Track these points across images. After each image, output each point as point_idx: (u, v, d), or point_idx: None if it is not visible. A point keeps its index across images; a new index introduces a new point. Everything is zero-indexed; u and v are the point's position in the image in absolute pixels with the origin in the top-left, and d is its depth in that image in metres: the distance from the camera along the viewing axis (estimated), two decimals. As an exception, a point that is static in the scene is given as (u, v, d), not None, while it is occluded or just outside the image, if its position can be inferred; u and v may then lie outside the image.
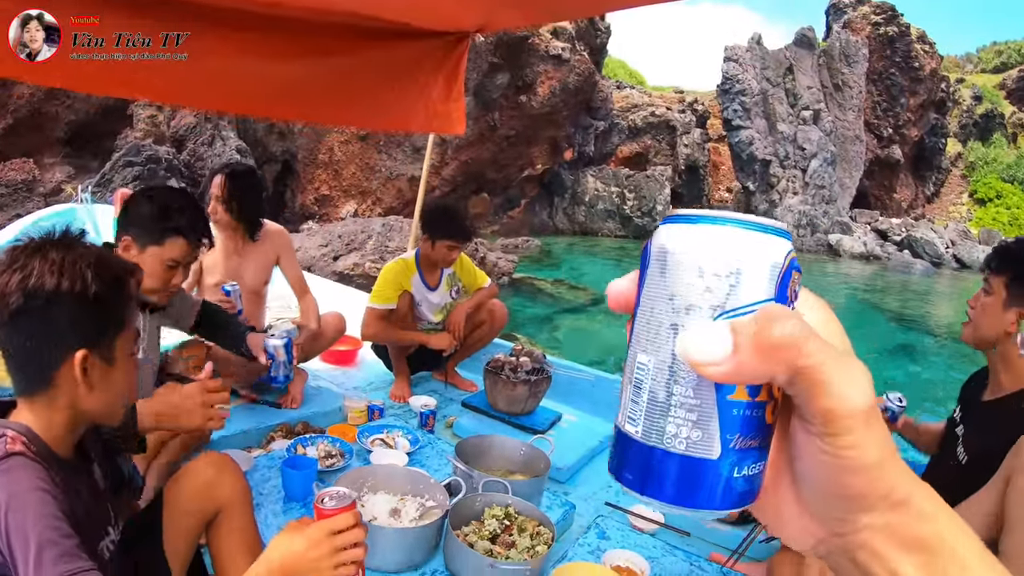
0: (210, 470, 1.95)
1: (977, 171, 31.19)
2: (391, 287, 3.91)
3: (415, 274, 3.98)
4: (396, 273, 3.94)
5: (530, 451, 3.07)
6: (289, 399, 3.62)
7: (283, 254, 3.88)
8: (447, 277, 4.08)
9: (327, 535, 1.45)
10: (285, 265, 3.90)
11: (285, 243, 3.89)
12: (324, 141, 15.54)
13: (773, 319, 0.41)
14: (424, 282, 4.02)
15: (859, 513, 0.43)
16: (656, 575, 2.55)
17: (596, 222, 22.21)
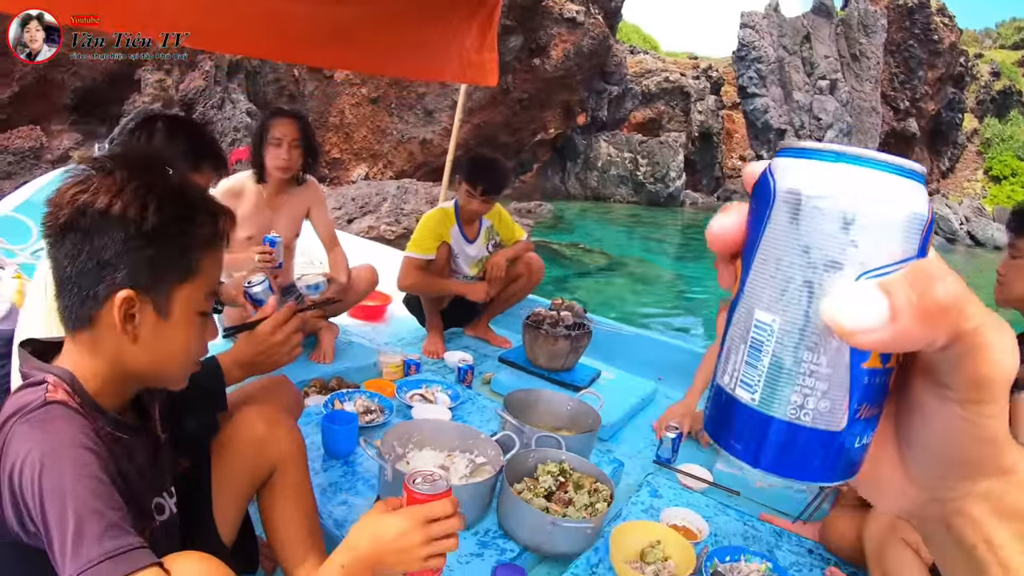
0: (260, 424, 1.76)
1: (993, 148, 30.83)
2: (431, 237, 3.78)
3: (454, 225, 3.86)
4: (436, 222, 3.81)
5: (578, 406, 2.96)
6: (321, 354, 3.53)
7: (315, 206, 3.75)
8: (485, 230, 3.96)
9: (421, 524, 1.30)
10: (316, 218, 3.76)
11: (317, 195, 3.75)
12: (335, 104, 15.32)
13: (934, 278, 0.37)
14: (463, 234, 3.89)
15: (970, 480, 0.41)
16: (712, 535, 2.45)
17: (608, 188, 21.98)
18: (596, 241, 14.93)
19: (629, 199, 21.98)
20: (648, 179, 21.80)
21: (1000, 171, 30.01)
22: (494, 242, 3.99)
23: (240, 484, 1.74)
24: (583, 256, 13.17)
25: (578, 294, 10.32)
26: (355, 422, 2.69)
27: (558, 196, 21.03)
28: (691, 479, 2.90)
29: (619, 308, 9.89)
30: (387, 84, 15.41)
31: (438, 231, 3.80)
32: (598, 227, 17.41)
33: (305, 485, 1.84)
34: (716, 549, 2.30)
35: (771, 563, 2.24)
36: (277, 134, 3.37)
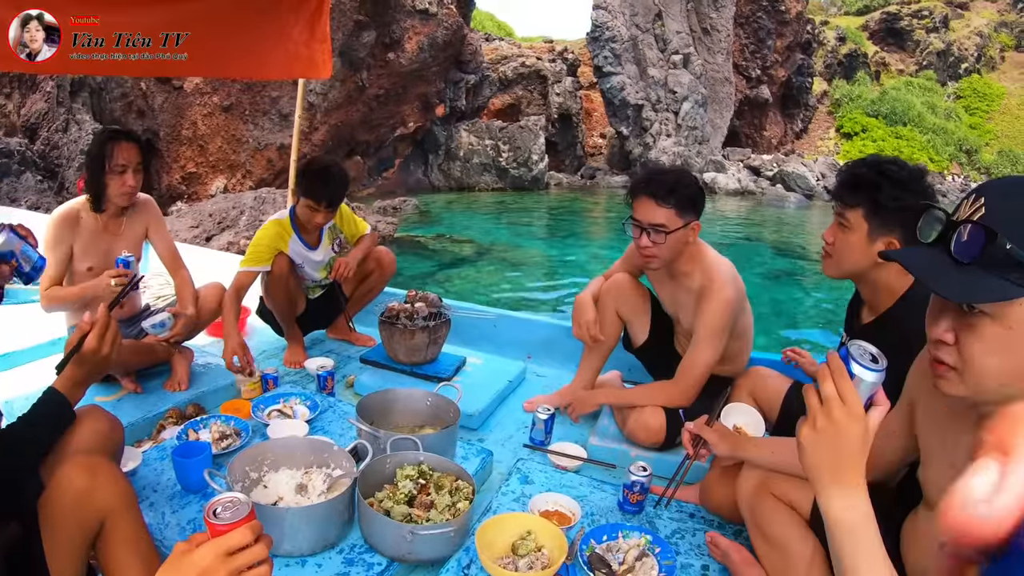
0: (81, 477, 1.64)
1: (843, 107, 32.45)
2: (265, 250, 3.55)
3: (292, 235, 3.63)
4: (271, 237, 3.58)
5: (437, 400, 2.81)
6: (175, 382, 3.27)
7: (152, 225, 3.44)
8: (327, 231, 3.75)
9: (221, 558, 1.12)
10: (155, 238, 3.46)
11: (154, 213, 3.45)
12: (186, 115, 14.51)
13: None
14: (303, 242, 3.67)
15: None
16: (588, 514, 2.36)
17: (472, 176, 21.77)
18: (464, 230, 14.79)
19: (494, 186, 21.81)
20: (511, 164, 21.73)
21: (851, 128, 31.61)
22: (339, 241, 3.80)
23: (72, 542, 1.61)
24: (451, 247, 12.99)
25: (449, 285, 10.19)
26: (208, 451, 2.47)
27: (422, 190, 20.68)
28: (564, 459, 2.81)
29: (492, 295, 9.79)
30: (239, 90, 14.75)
31: (273, 244, 3.56)
32: (465, 217, 17.22)
33: (139, 532, 1.71)
34: (592, 529, 2.22)
35: (650, 535, 2.18)
36: (121, 160, 3.05)
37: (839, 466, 1.18)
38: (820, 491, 1.20)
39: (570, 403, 3.16)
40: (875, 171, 2.11)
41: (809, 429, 1.20)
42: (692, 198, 2.65)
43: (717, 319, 2.69)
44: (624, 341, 3.27)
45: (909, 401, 1.67)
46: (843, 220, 2.16)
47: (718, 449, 2.12)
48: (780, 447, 2.01)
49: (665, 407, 2.83)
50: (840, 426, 1.16)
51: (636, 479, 2.37)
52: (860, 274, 2.23)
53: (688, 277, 2.81)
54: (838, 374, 1.18)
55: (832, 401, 1.17)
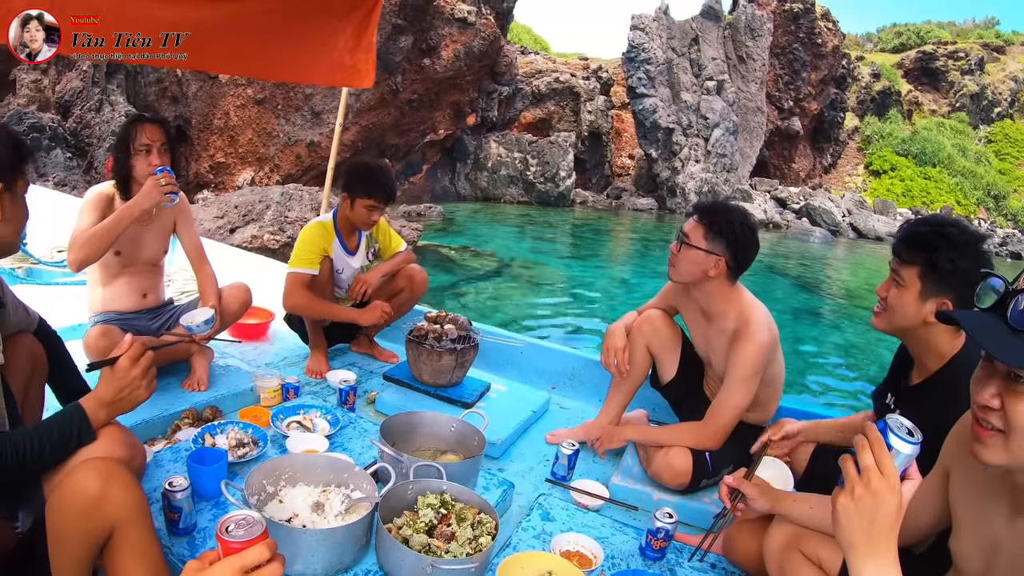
0: (93, 482, 1.54)
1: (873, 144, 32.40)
2: (314, 250, 3.54)
3: (335, 238, 3.62)
4: (316, 235, 3.57)
5: (462, 427, 2.76)
6: (195, 381, 3.24)
7: (181, 219, 3.43)
8: (365, 239, 3.74)
9: None
10: (183, 232, 3.44)
11: (183, 207, 3.42)
12: (219, 105, 14.62)
13: None
14: (344, 246, 3.66)
15: None
16: (609, 557, 2.31)
17: (499, 188, 21.84)
18: (486, 243, 14.76)
19: (520, 199, 21.91)
20: (538, 179, 21.77)
21: (880, 166, 31.47)
22: (373, 250, 3.78)
23: (78, 550, 1.53)
24: (473, 260, 12.95)
25: (468, 299, 10.15)
26: (224, 459, 2.43)
27: (448, 198, 20.76)
28: (586, 496, 2.76)
29: (511, 312, 9.75)
30: (273, 85, 14.83)
31: (319, 244, 3.56)
32: (488, 228, 17.22)
33: (150, 544, 1.63)
34: (613, 574, 2.16)
35: (670, 585, 2.12)
36: (145, 140, 3.05)
37: (874, 537, 1.18)
38: (854, 561, 1.20)
39: (598, 438, 3.11)
40: (936, 231, 2.07)
41: (846, 498, 1.20)
42: (727, 232, 2.69)
43: (750, 362, 2.65)
44: (652, 379, 3.23)
45: (944, 469, 1.65)
46: (898, 277, 2.13)
47: (757, 504, 2.06)
48: (819, 504, 1.96)
49: (693, 449, 2.78)
50: (878, 497, 1.18)
51: (661, 526, 2.31)
52: (910, 332, 2.18)
53: (723, 318, 2.78)
54: (877, 445, 1.20)
55: (871, 471, 1.19)
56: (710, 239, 2.69)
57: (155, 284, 3.45)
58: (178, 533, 2.16)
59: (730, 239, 2.68)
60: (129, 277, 3.30)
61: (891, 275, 2.17)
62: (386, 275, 3.72)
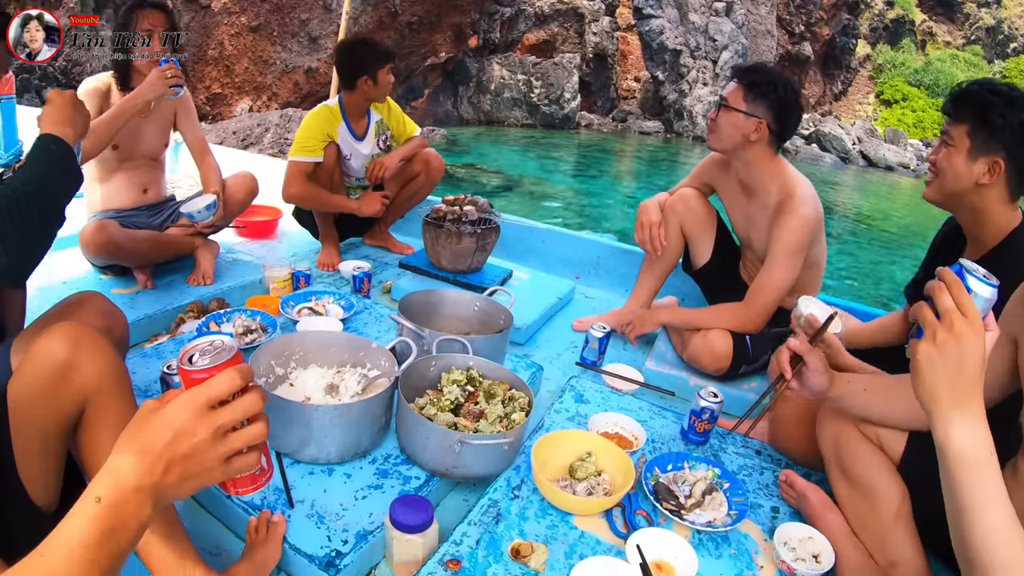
0: (60, 348, 1.26)
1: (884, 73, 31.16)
2: (316, 136, 3.22)
3: (341, 123, 3.28)
4: (321, 120, 3.24)
5: (486, 305, 2.48)
6: (199, 275, 2.97)
7: (182, 112, 3.11)
8: (374, 125, 3.40)
9: (203, 412, 0.78)
10: (184, 125, 3.13)
11: (185, 100, 3.10)
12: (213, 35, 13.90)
13: None
14: (351, 131, 3.32)
15: None
16: (649, 441, 2.05)
17: (502, 111, 21.08)
18: (492, 162, 14.29)
19: (524, 122, 21.09)
20: (543, 101, 21.01)
21: (891, 95, 30.43)
22: (385, 137, 3.44)
23: (45, 429, 1.26)
24: (479, 176, 12.53)
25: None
26: None
27: (451, 121, 19.97)
28: (620, 381, 2.49)
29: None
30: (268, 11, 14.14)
31: (324, 129, 3.23)
32: (493, 149, 16.66)
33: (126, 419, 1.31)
34: (656, 457, 1.90)
35: (718, 468, 1.87)
36: (146, 26, 2.71)
37: (960, 386, 1.00)
38: (938, 416, 1.02)
39: (629, 322, 2.83)
40: (986, 88, 1.86)
41: (928, 346, 1.00)
42: (769, 93, 2.42)
43: (795, 237, 2.37)
44: (684, 263, 2.94)
45: (1010, 338, 1.45)
46: (948, 138, 1.90)
47: (814, 381, 1.71)
48: (875, 386, 1.68)
49: (732, 332, 2.50)
50: (963, 340, 0.99)
51: (706, 405, 2.04)
52: (962, 198, 1.92)
53: (765, 192, 2.49)
54: (955, 287, 1.02)
55: (952, 314, 1.00)
56: (750, 100, 2.42)
57: (156, 179, 3.16)
58: None
59: (772, 100, 2.40)
60: (128, 172, 3.00)
61: (941, 138, 1.94)
62: (403, 159, 3.42)
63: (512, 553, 1.53)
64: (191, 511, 1.75)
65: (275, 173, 3.69)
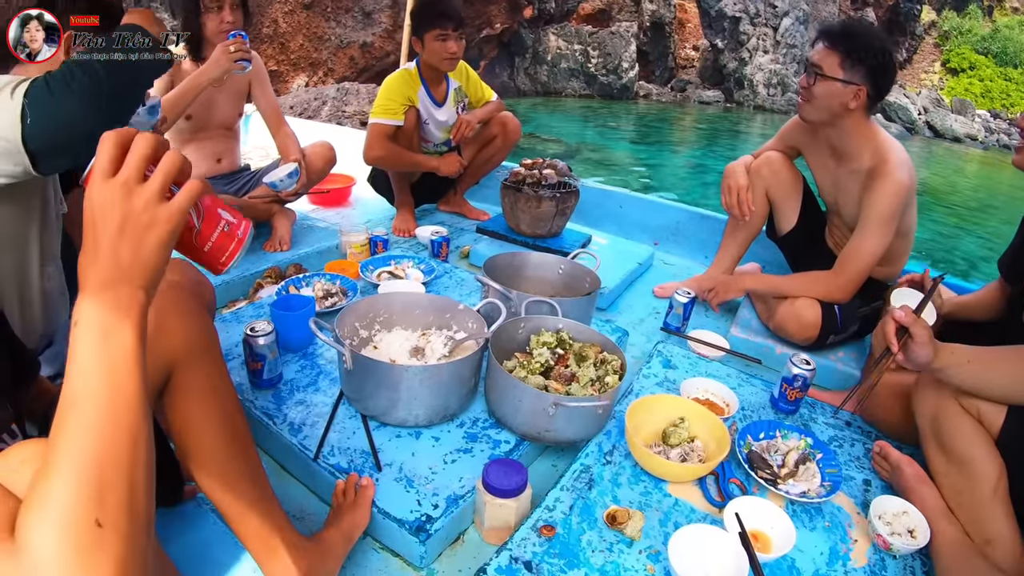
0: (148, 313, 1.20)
1: (951, 41, 29.72)
2: (397, 99, 3.14)
3: (420, 87, 3.21)
4: (402, 82, 3.17)
5: (572, 268, 2.40)
6: (276, 241, 2.94)
7: (256, 82, 3.06)
8: (453, 92, 3.32)
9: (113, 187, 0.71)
10: (258, 93, 3.08)
11: (258, 70, 3.05)
12: (267, 13, 13.88)
13: None
14: (430, 95, 3.25)
15: None
16: (740, 408, 1.95)
17: (560, 81, 20.74)
18: (551, 131, 14.05)
19: (581, 92, 20.71)
20: (600, 71, 20.59)
21: (958, 64, 29.04)
22: (463, 104, 3.36)
23: None
24: (539, 145, 12.29)
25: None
26: (311, 306, 2.12)
27: (508, 93, 19.68)
28: (706, 347, 2.39)
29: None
30: (320, -13, 14.23)
31: (405, 93, 3.16)
32: (552, 119, 16.42)
33: (219, 382, 1.27)
34: (748, 425, 1.82)
35: (810, 437, 1.77)
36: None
37: None
38: None
39: (712, 288, 2.72)
40: None
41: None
42: (866, 57, 2.21)
43: (888, 203, 2.21)
44: (768, 229, 2.81)
45: None
46: None
47: (920, 353, 1.58)
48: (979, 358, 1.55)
49: (821, 300, 2.37)
50: None
51: (799, 372, 1.93)
52: None
53: (856, 158, 2.34)
54: None
55: None
56: (848, 67, 2.23)
57: (230, 148, 3.13)
58: (261, 385, 1.86)
59: (871, 65, 2.22)
60: (201, 143, 2.98)
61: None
62: (481, 120, 3.34)
63: (608, 519, 1.46)
64: (275, 475, 1.72)
65: (346, 141, 3.66)
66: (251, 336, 1.81)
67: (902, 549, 1.48)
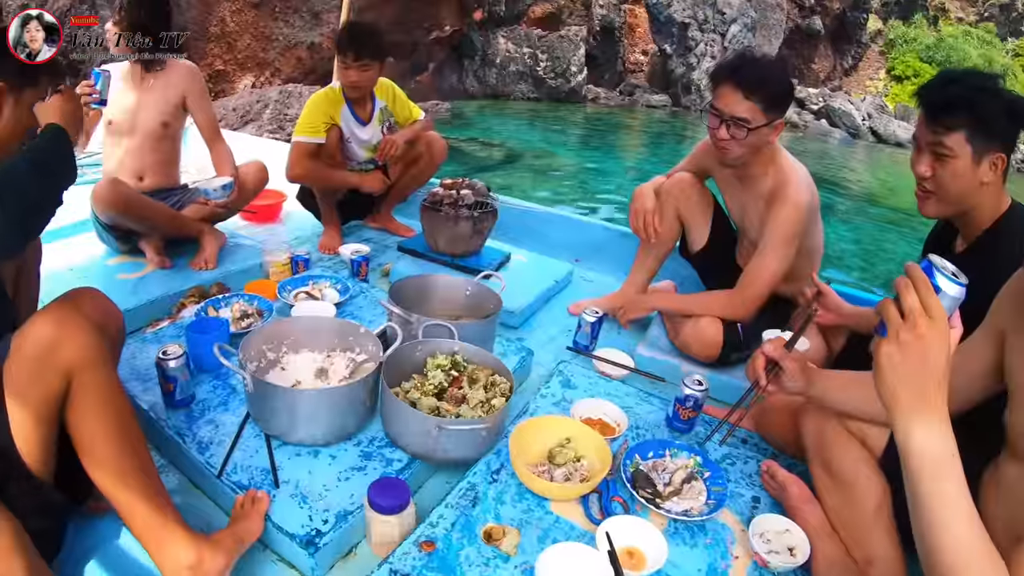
0: (47, 328, 1.35)
1: (896, 49, 30.47)
2: (319, 117, 3.23)
3: (343, 105, 3.29)
4: (325, 101, 3.26)
5: (477, 290, 2.50)
6: (202, 260, 2.98)
7: (192, 93, 3.07)
8: (379, 111, 3.40)
9: None
10: (194, 106, 3.10)
11: (195, 81, 3.10)
12: (215, 12, 13.72)
13: None
14: (354, 114, 3.33)
15: None
16: (633, 427, 2.06)
17: (508, 85, 20.80)
18: (496, 135, 14.12)
19: (529, 95, 20.75)
20: (549, 74, 20.71)
21: (903, 71, 29.81)
22: (388, 123, 3.44)
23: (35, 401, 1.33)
24: (481, 150, 12.38)
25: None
26: (225, 327, 2.23)
27: (456, 95, 19.59)
28: (610, 366, 2.50)
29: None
30: (269, -14, 14.13)
31: (327, 111, 3.25)
32: (498, 122, 16.48)
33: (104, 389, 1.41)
34: (637, 444, 1.92)
35: (700, 456, 1.88)
36: None
37: (924, 388, 0.98)
38: (899, 418, 1.00)
39: (621, 306, 2.83)
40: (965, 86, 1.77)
41: (891, 346, 0.98)
42: (781, 95, 2.30)
43: (788, 225, 2.33)
44: (681, 247, 2.93)
45: (997, 331, 1.42)
46: (943, 149, 1.77)
47: (792, 384, 1.74)
48: (854, 384, 1.67)
49: (723, 319, 2.49)
50: (926, 342, 0.97)
51: (690, 393, 2.05)
52: (964, 201, 1.84)
53: (759, 181, 2.45)
54: (923, 285, 0.99)
55: (916, 313, 0.98)
56: (770, 111, 2.27)
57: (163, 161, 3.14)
58: (175, 405, 1.94)
59: (788, 100, 2.34)
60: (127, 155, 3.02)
61: (928, 152, 1.83)
62: (408, 140, 3.40)
63: (484, 536, 1.56)
64: (185, 491, 1.81)
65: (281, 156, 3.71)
66: (162, 359, 1.88)
67: (780, 567, 1.55)
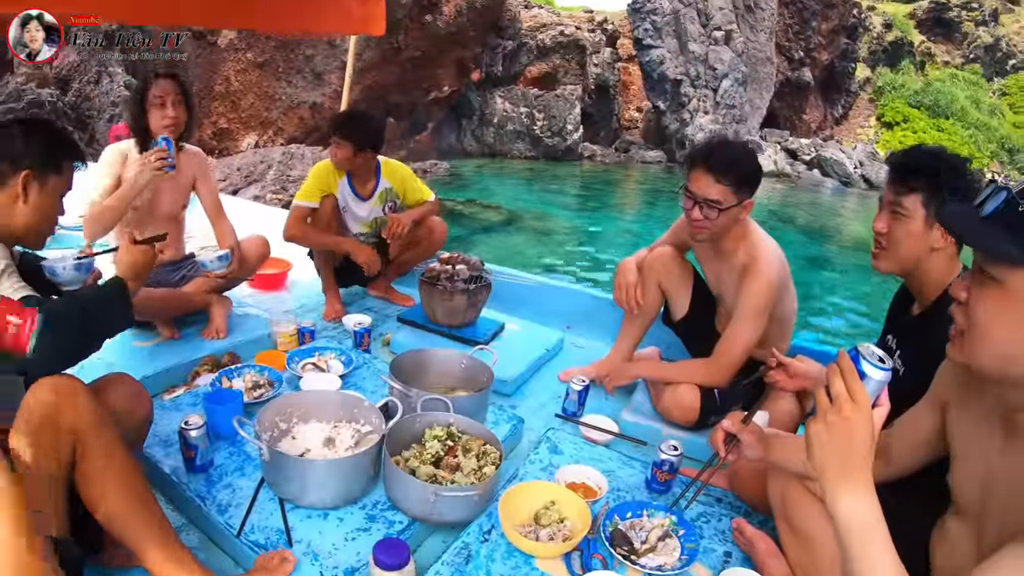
0: (46, 394, 1.55)
1: (885, 96, 31.10)
2: (317, 185, 3.54)
3: (343, 178, 3.58)
4: (325, 171, 3.56)
5: (471, 363, 2.73)
6: (213, 330, 3.21)
7: (200, 177, 3.40)
8: (382, 191, 3.66)
9: None
10: (202, 188, 3.41)
11: (202, 164, 3.42)
12: (219, 71, 14.27)
13: None
14: (352, 188, 3.61)
15: None
16: (615, 490, 2.27)
17: (505, 143, 21.37)
18: (493, 196, 14.53)
19: (527, 154, 21.37)
20: (545, 133, 21.28)
21: (892, 117, 30.40)
22: (392, 204, 3.69)
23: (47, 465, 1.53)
24: (481, 213, 12.77)
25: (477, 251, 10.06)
26: (239, 398, 2.46)
27: (455, 155, 20.24)
28: (595, 431, 2.72)
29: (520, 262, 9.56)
30: (273, 47, 14.51)
31: (326, 179, 3.55)
32: (496, 182, 16.97)
33: (108, 448, 1.62)
34: (617, 505, 2.13)
35: (675, 516, 2.08)
36: (159, 92, 3.03)
37: (848, 463, 1.15)
38: (827, 488, 1.17)
39: (607, 374, 3.06)
40: (928, 155, 1.99)
41: (819, 426, 1.18)
42: (750, 176, 2.52)
43: (759, 298, 2.55)
44: (664, 315, 3.15)
45: (939, 401, 1.59)
46: (899, 208, 1.99)
47: (750, 453, 1.95)
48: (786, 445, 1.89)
49: (701, 386, 2.71)
50: (850, 423, 1.15)
51: (666, 458, 2.27)
52: (915, 264, 2.04)
53: (733, 255, 2.68)
54: (848, 373, 1.17)
55: (842, 398, 1.16)
56: (740, 192, 2.49)
57: (173, 238, 3.41)
58: (195, 471, 2.17)
59: (757, 180, 2.55)
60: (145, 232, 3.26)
61: (888, 209, 2.03)
62: (414, 220, 3.61)
63: (475, 592, 1.77)
64: (204, 548, 2.03)
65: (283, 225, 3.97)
66: (185, 429, 2.11)
67: (745, 618, 1.74)
